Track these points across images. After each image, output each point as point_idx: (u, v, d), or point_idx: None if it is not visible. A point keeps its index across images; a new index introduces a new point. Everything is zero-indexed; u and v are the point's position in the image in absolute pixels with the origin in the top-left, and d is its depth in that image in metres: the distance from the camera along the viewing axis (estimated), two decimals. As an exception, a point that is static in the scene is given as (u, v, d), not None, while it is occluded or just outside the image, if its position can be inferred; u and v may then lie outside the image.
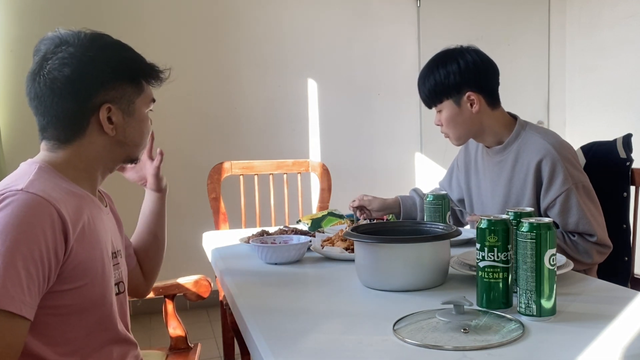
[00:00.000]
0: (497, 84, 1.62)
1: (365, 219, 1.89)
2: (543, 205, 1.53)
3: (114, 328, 1.11)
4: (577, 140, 1.62)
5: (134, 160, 1.17)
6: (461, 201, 1.87)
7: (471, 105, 1.58)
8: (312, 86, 3.69)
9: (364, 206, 1.89)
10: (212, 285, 1.73)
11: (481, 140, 1.68)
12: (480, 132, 1.64)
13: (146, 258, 1.44)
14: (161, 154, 1.46)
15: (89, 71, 1.03)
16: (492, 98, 1.61)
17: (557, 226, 1.55)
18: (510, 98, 1.64)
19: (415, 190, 1.96)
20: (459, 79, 1.57)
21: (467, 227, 1.82)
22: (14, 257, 0.87)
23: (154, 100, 1.17)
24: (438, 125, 1.67)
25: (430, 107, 1.66)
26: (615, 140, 1.71)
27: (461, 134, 1.64)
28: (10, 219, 0.89)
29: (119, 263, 1.17)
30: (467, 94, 1.57)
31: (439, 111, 1.64)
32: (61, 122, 1.04)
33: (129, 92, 1.09)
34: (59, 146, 1.06)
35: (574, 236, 1.50)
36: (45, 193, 0.94)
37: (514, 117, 1.65)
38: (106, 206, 1.19)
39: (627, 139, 1.69)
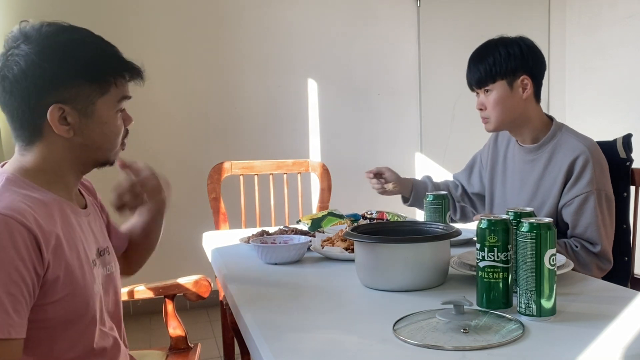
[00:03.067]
0: (543, 76, 1.65)
1: (378, 188, 1.88)
2: (562, 201, 1.54)
3: (97, 336, 1.09)
4: (577, 140, 1.62)
5: (105, 163, 1.12)
6: (478, 195, 1.88)
7: (523, 90, 1.59)
8: (312, 86, 3.69)
9: (381, 173, 1.88)
10: (212, 285, 1.73)
11: (518, 134, 1.67)
12: (521, 123, 1.63)
13: (135, 251, 1.42)
14: (125, 166, 1.26)
15: (37, 71, 0.98)
16: (538, 89, 1.63)
17: (566, 228, 1.55)
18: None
19: (429, 177, 1.97)
20: (520, 61, 1.57)
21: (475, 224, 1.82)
22: None
23: (127, 98, 1.10)
24: (480, 109, 1.64)
25: (479, 87, 1.63)
26: (615, 140, 1.71)
27: (504, 119, 1.62)
28: None
29: (106, 259, 1.16)
30: (522, 77, 1.58)
31: (487, 92, 1.61)
32: (17, 122, 1.02)
33: (86, 93, 1.02)
34: (25, 148, 1.04)
35: (576, 246, 1.50)
36: (14, 210, 0.91)
37: (550, 118, 1.66)
38: (85, 207, 1.16)
39: (627, 139, 1.69)
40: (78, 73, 1.02)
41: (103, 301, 1.12)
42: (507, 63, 1.57)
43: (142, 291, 1.67)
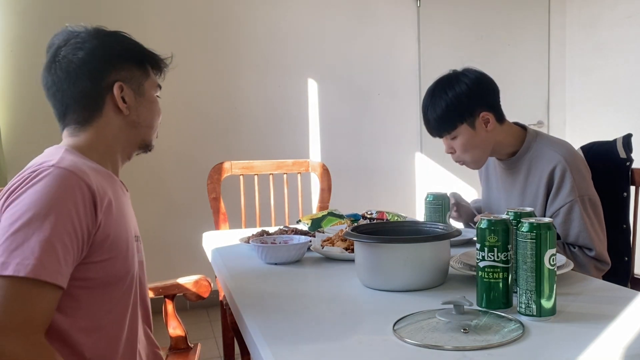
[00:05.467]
0: (499, 98, 1.61)
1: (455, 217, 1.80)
2: (548, 213, 1.54)
3: (134, 307, 1.14)
4: (577, 140, 1.62)
5: (148, 145, 1.22)
6: None
7: (485, 125, 1.55)
8: (312, 86, 3.69)
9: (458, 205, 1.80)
10: (212, 285, 1.73)
11: (494, 154, 1.66)
12: (493, 149, 1.62)
13: None
14: None
15: (100, 53, 1.12)
16: (499, 113, 1.60)
17: (558, 237, 1.55)
18: (511, 98, 1.63)
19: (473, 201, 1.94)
20: (471, 99, 1.53)
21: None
22: (49, 230, 0.91)
23: (159, 87, 1.24)
24: (450, 153, 1.62)
25: (441, 135, 1.59)
26: (615, 140, 1.71)
27: (480, 156, 1.60)
28: (44, 193, 0.94)
29: (139, 246, 1.20)
30: (482, 114, 1.54)
31: (453, 138, 1.58)
32: (79, 103, 1.11)
33: (137, 75, 1.16)
34: (80, 129, 1.12)
35: (574, 247, 1.51)
36: (76, 168, 1.00)
37: (522, 127, 1.64)
38: (127, 191, 1.23)
39: (627, 139, 1.69)
40: (129, 56, 1.16)
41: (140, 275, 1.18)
42: (460, 105, 1.52)
43: (142, 291, 1.67)
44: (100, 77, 1.11)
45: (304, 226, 1.93)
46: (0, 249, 0.90)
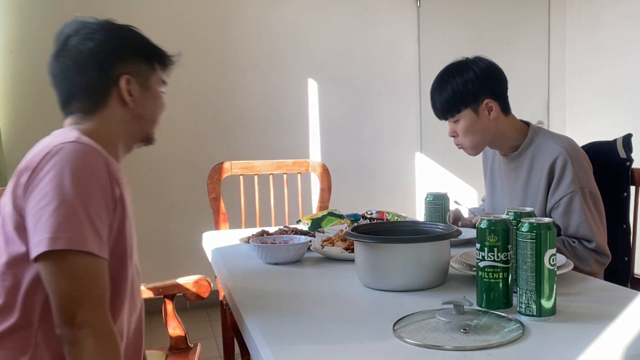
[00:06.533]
0: (507, 89, 1.63)
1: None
2: (549, 205, 1.54)
3: (125, 299, 1.12)
4: (577, 140, 1.62)
5: (149, 138, 1.23)
6: None
7: (489, 112, 1.58)
8: (312, 86, 3.69)
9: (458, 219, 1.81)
10: (212, 285, 1.73)
11: (497, 147, 1.68)
12: (495, 139, 1.63)
13: None
14: None
15: (110, 45, 1.13)
16: (505, 104, 1.62)
17: (558, 230, 1.56)
18: (511, 98, 1.64)
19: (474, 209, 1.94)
20: (477, 86, 1.56)
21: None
22: (83, 203, 0.93)
23: (165, 83, 1.25)
24: (453, 136, 1.65)
25: (445, 118, 1.63)
26: (615, 140, 1.71)
27: (478, 142, 1.62)
28: (72, 168, 0.94)
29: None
30: (486, 101, 1.57)
31: (455, 122, 1.61)
32: (85, 92, 1.11)
33: (144, 69, 1.17)
34: (84, 117, 1.12)
35: (574, 242, 1.51)
36: (95, 144, 1.01)
37: (526, 124, 1.66)
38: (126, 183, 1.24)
39: (627, 139, 1.69)
40: (137, 50, 1.17)
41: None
42: (466, 91, 1.56)
43: (142, 291, 1.67)
44: (108, 69, 1.12)
45: (304, 226, 1.93)
46: (45, 227, 0.90)
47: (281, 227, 1.89)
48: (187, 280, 1.70)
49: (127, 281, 1.09)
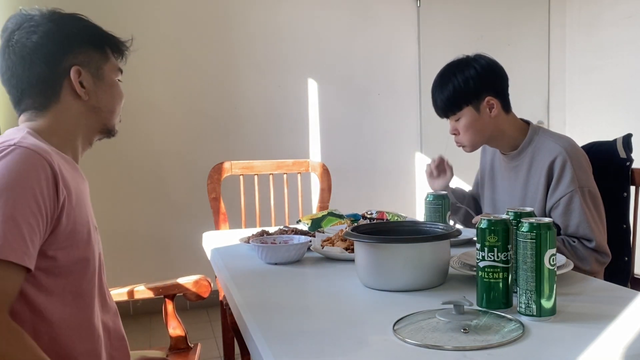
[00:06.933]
0: (508, 87, 1.63)
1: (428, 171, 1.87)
2: (548, 205, 1.54)
3: (94, 297, 1.11)
4: (577, 140, 1.62)
5: (110, 130, 1.19)
6: (474, 199, 1.90)
7: (490, 109, 1.58)
8: (312, 86, 3.69)
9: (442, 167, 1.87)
10: (212, 285, 1.73)
11: (497, 145, 1.68)
12: (496, 137, 1.64)
13: None
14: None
15: (55, 36, 1.09)
16: (506, 102, 1.62)
17: (558, 229, 1.56)
18: (511, 98, 1.64)
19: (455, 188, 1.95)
20: (478, 83, 1.56)
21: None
22: (14, 209, 0.90)
23: (121, 71, 1.20)
24: (454, 134, 1.65)
25: (447, 116, 1.63)
26: (615, 140, 1.71)
27: (478, 140, 1.63)
28: (7, 172, 0.92)
29: (98, 237, 1.18)
30: (487, 98, 1.57)
31: (457, 119, 1.62)
32: (35, 88, 1.09)
33: (96, 58, 1.13)
34: (37, 114, 1.10)
35: (574, 241, 1.51)
36: (38, 147, 0.98)
37: (527, 122, 1.67)
38: (85, 180, 1.20)
39: (627, 139, 1.69)
40: (85, 39, 1.12)
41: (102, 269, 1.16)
42: (467, 88, 1.56)
43: (142, 291, 1.67)
44: (56, 61, 1.08)
45: (304, 226, 1.93)
46: None
47: (281, 227, 1.89)
48: (187, 280, 1.70)
49: (91, 280, 1.08)
